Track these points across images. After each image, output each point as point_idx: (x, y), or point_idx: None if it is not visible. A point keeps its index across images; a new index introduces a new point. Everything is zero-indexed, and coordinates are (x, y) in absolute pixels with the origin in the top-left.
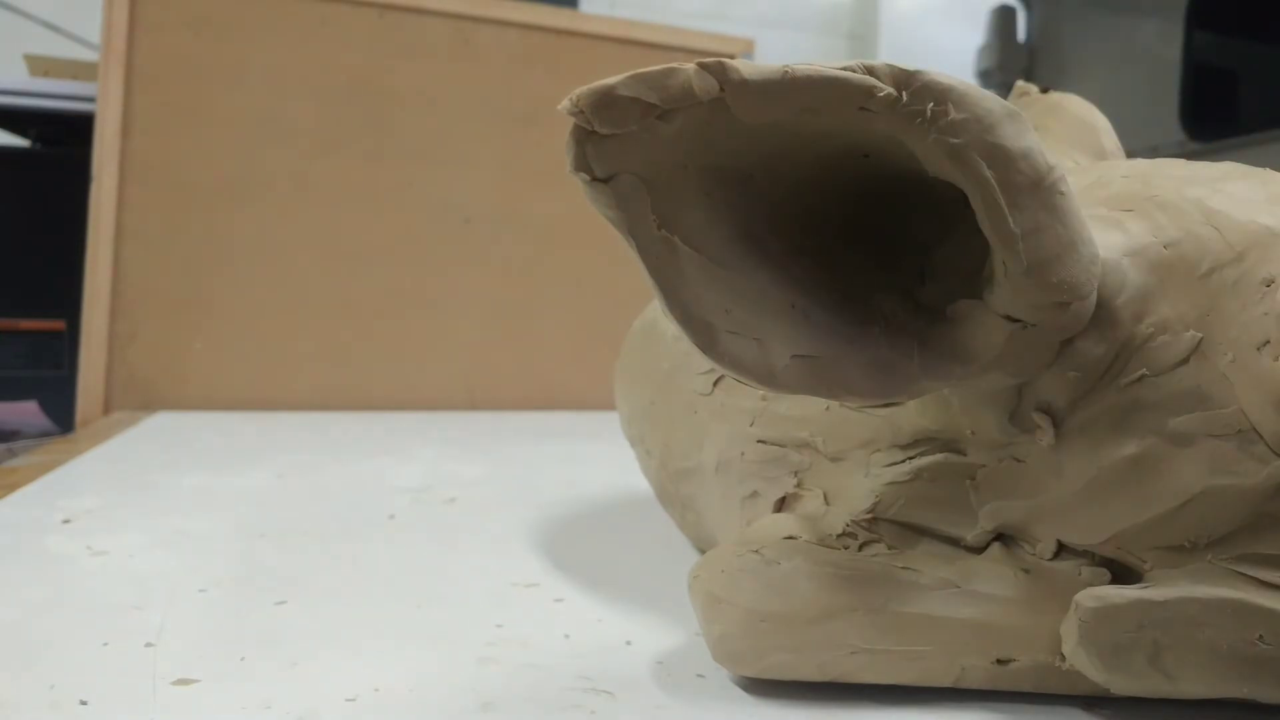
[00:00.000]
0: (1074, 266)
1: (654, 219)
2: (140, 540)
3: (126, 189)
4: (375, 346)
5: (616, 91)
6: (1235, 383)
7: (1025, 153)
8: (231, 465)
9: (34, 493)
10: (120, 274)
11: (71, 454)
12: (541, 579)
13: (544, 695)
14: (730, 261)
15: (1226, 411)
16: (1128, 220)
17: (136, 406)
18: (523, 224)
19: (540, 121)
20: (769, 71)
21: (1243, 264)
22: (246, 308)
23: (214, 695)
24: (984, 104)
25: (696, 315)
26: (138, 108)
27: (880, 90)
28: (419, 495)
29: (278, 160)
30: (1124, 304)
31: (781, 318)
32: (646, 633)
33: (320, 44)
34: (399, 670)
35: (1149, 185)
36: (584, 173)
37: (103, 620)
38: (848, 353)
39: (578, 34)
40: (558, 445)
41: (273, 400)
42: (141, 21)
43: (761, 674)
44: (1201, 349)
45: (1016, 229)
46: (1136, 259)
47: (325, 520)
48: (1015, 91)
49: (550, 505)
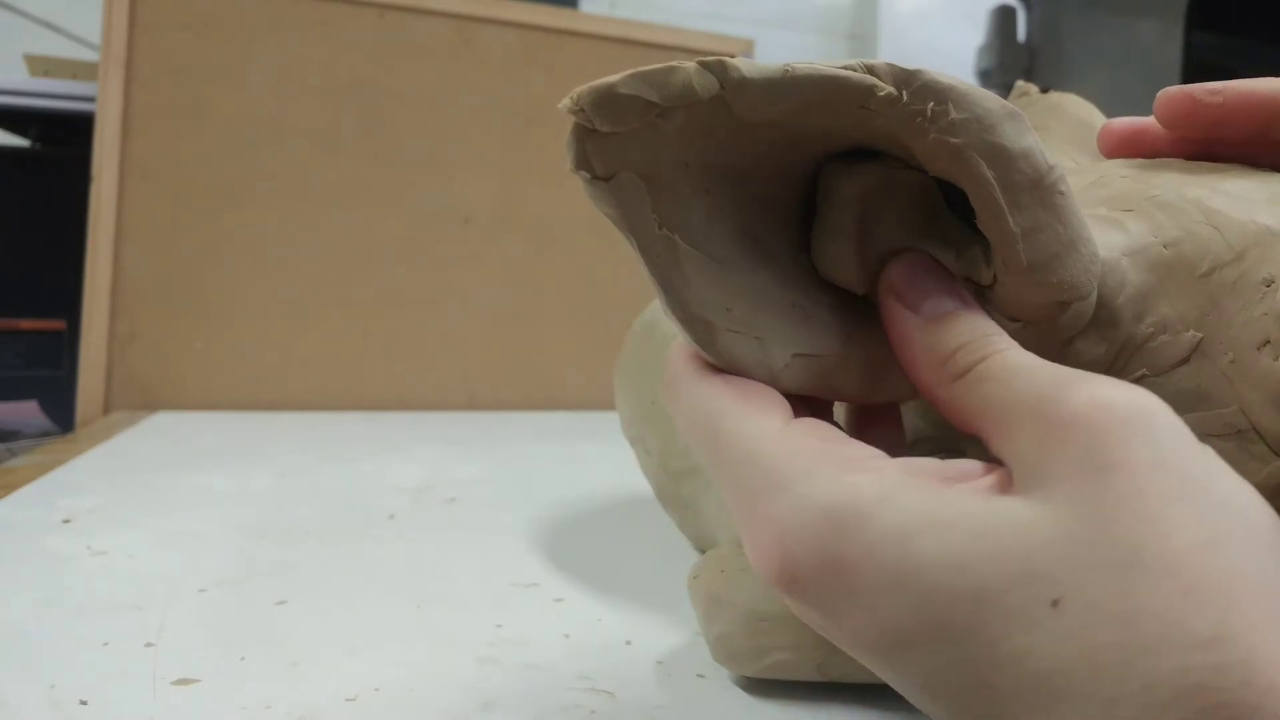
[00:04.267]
0: (1074, 266)
1: (655, 217)
2: (140, 540)
3: (126, 189)
4: (375, 346)
5: (617, 90)
6: (1235, 383)
7: (1025, 152)
8: (231, 465)
9: (34, 493)
10: (120, 274)
11: (71, 454)
12: (541, 579)
13: (544, 695)
14: (731, 260)
15: (1226, 411)
16: (1128, 220)
17: (136, 406)
18: (523, 224)
19: (540, 121)
20: (769, 70)
21: (1242, 264)
22: (246, 308)
23: (214, 695)
24: (984, 104)
25: (697, 314)
26: (138, 108)
27: (880, 89)
28: (419, 495)
29: (278, 160)
30: (1124, 304)
31: (782, 317)
32: (646, 633)
33: (320, 44)
34: (399, 670)
35: (1149, 185)
36: (584, 171)
37: (103, 620)
38: (848, 352)
39: (577, 34)
40: (558, 445)
41: (273, 400)
42: (141, 21)
43: (761, 674)
44: (1201, 349)
45: (1016, 228)
46: (1136, 259)
47: (325, 520)
48: (1015, 91)
49: (550, 505)
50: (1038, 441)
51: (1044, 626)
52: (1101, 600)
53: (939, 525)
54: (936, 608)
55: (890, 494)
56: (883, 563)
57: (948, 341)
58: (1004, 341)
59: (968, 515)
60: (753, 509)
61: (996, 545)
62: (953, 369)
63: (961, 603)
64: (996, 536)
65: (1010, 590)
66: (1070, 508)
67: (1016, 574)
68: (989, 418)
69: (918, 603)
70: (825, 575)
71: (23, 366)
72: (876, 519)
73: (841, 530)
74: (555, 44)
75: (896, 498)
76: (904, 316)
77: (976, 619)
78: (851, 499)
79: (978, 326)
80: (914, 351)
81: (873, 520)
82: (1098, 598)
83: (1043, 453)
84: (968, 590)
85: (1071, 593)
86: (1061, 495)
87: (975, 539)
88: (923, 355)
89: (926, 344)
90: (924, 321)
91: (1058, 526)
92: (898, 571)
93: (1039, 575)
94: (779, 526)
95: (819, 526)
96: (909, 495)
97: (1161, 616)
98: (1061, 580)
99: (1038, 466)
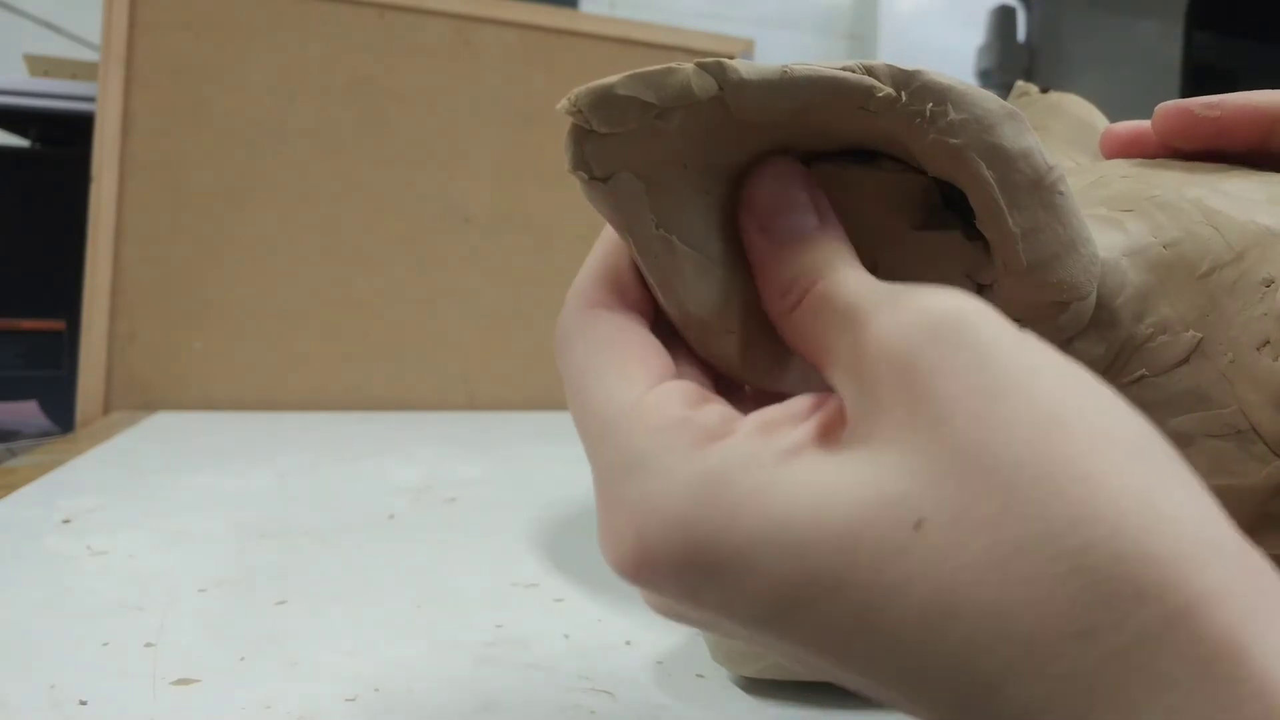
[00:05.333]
0: (1074, 266)
1: (653, 218)
2: (140, 540)
3: (126, 189)
4: (375, 346)
5: (615, 91)
6: (1235, 383)
7: (1025, 152)
8: (231, 465)
9: (34, 493)
10: (120, 274)
11: (71, 454)
12: (541, 579)
13: (544, 695)
14: (728, 260)
15: (1226, 411)
16: (1128, 220)
17: (136, 406)
18: (523, 224)
19: (540, 121)
20: (768, 71)
21: (1242, 264)
22: (246, 308)
23: (214, 695)
24: (983, 104)
25: (694, 314)
26: (138, 108)
27: (879, 90)
28: (419, 495)
29: (278, 160)
30: (1124, 304)
31: None
32: (646, 633)
33: (320, 44)
34: (399, 670)
35: (1149, 185)
36: (582, 172)
37: (103, 620)
38: None
39: (577, 34)
40: (558, 445)
41: (273, 400)
42: (141, 21)
43: (761, 674)
44: (1201, 349)
45: (1016, 229)
46: (1136, 259)
47: (325, 520)
48: (1015, 91)
49: (550, 505)
50: (856, 366)
51: (914, 551)
52: (960, 512)
53: (791, 479)
54: (806, 560)
55: (741, 458)
56: (746, 528)
57: (789, 268)
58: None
59: (816, 462)
60: (608, 490)
61: (847, 482)
62: (790, 299)
63: (828, 548)
64: (845, 475)
65: (872, 525)
66: (903, 429)
67: (872, 506)
68: (820, 349)
69: (787, 560)
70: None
71: (23, 366)
72: (733, 486)
73: (700, 506)
74: (555, 44)
75: (748, 461)
76: (756, 238)
77: (847, 560)
78: (704, 471)
79: (822, 249)
80: (764, 279)
81: (729, 488)
82: (956, 510)
83: (863, 378)
84: (832, 534)
85: (930, 512)
86: (890, 418)
87: (828, 483)
88: (768, 283)
89: (772, 271)
90: (772, 244)
91: (896, 449)
92: (762, 533)
93: (893, 502)
94: (632, 511)
95: (677, 507)
96: (759, 455)
97: (1019, 511)
98: (916, 501)
99: (863, 393)
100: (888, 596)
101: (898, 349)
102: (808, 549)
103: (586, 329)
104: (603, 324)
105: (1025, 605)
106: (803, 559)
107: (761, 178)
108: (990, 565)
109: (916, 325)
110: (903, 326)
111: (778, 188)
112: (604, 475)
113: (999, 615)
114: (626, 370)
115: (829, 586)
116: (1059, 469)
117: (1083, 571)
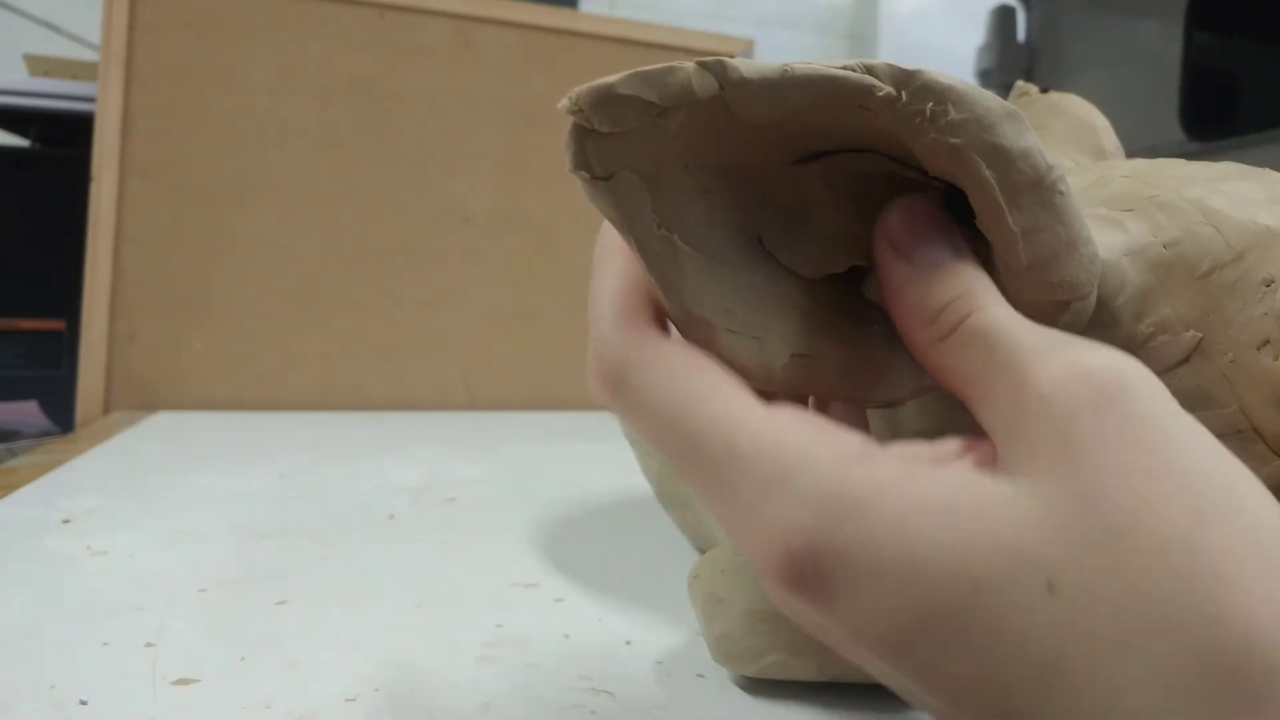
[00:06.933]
0: (1074, 266)
1: (654, 217)
2: (140, 540)
3: (126, 189)
4: (375, 346)
5: (616, 90)
6: (1235, 383)
7: (1025, 152)
8: (231, 465)
9: (34, 493)
10: (120, 274)
11: (71, 454)
12: (541, 579)
13: (544, 695)
14: (730, 259)
15: (1226, 411)
16: (1128, 220)
17: (136, 406)
18: (523, 224)
19: (540, 121)
20: (768, 70)
21: (1242, 264)
22: (246, 308)
23: (214, 695)
24: (983, 104)
25: (696, 314)
26: (138, 108)
27: (880, 89)
28: (419, 495)
29: (278, 160)
30: (1124, 304)
31: (781, 317)
32: (646, 633)
33: (320, 44)
34: (399, 670)
35: (1149, 185)
36: (583, 171)
37: (103, 620)
38: (846, 353)
39: (577, 34)
40: (558, 445)
41: (273, 400)
42: (141, 21)
43: (761, 674)
44: (1201, 349)
45: (1016, 228)
46: (1136, 259)
47: (325, 520)
48: (1015, 91)
49: (550, 505)
50: (1015, 415)
51: (1041, 611)
52: (1094, 583)
53: (935, 512)
54: (936, 596)
55: (888, 483)
56: (884, 553)
57: (937, 296)
58: (988, 297)
59: (960, 500)
60: (749, 508)
61: (989, 529)
62: (939, 328)
63: (961, 590)
64: (989, 520)
65: (1006, 575)
66: (1054, 487)
67: (1010, 557)
68: (970, 384)
69: (918, 592)
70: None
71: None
72: (877, 508)
73: (844, 522)
74: (555, 44)
75: (894, 486)
76: (896, 266)
77: (976, 605)
78: (851, 489)
79: (966, 280)
80: (904, 306)
81: (874, 510)
82: (1090, 581)
83: (1021, 428)
84: (966, 576)
85: (1064, 576)
86: (1043, 473)
87: (969, 523)
88: (911, 311)
89: (915, 298)
90: (915, 272)
91: (1043, 507)
92: (898, 561)
93: (1031, 559)
94: (781, 524)
95: (823, 520)
96: (906, 483)
97: (1154, 598)
98: (1053, 563)
99: (1018, 442)
100: (1007, 649)
101: (1058, 408)
102: (940, 584)
103: (654, 357)
104: (668, 349)
105: (1140, 684)
106: (932, 594)
107: (897, 209)
108: (1113, 644)
109: (1079, 384)
110: (1064, 385)
111: (915, 219)
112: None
113: (1113, 689)
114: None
115: (952, 627)
116: (1199, 566)
117: (1206, 667)
